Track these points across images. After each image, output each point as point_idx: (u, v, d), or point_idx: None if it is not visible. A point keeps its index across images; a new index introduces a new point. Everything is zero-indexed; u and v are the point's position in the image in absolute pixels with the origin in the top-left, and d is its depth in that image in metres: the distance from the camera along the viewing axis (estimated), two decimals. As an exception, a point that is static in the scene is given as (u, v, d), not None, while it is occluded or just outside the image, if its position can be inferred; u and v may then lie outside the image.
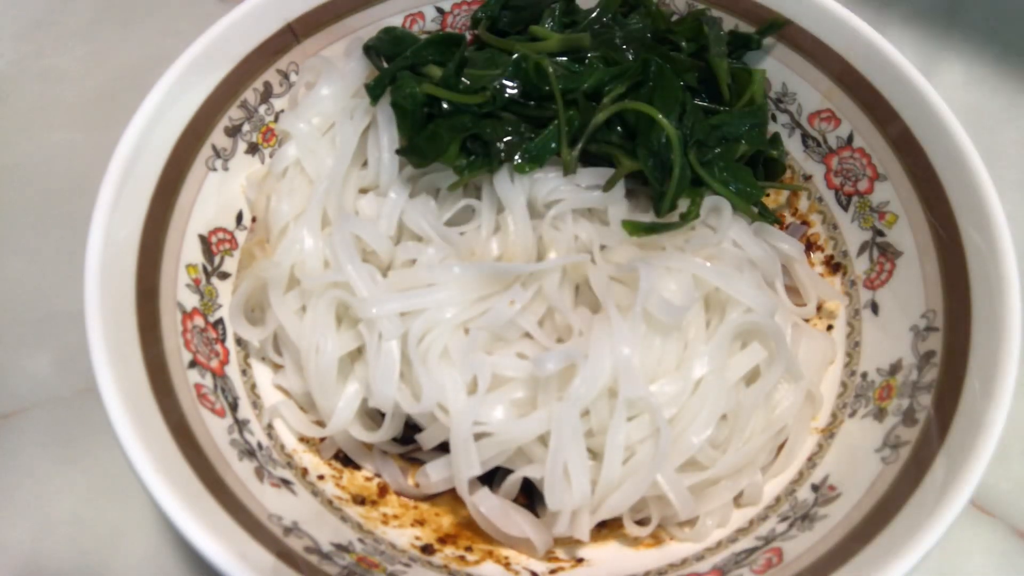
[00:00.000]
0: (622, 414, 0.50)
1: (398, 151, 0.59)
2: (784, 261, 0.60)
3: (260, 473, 0.51)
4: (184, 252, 0.55)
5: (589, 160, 0.58)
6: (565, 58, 0.60)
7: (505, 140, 0.56)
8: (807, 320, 0.61)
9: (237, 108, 0.60)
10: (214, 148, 0.59)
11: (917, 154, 0.55)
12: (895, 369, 0.54)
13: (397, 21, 0.66)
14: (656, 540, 0.54)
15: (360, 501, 0.55)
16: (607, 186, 0.57)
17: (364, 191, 0.61)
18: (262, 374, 0.59)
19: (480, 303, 0.55)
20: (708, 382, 0.52)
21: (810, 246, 0.64)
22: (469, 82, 0.58)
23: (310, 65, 0.63)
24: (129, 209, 0.51)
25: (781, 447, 0.56)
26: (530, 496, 0.56)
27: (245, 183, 0.62)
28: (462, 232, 0.58)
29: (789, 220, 0.66)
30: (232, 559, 0.41)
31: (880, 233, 0.59)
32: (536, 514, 0.54)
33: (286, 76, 0.63)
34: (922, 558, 0.41)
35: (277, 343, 0.58)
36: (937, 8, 0.87)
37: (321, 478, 0.55)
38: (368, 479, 0.57)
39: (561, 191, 0.57)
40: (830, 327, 0.61)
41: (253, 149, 0.62)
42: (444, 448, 0.52)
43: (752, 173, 0.60)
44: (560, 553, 0.54)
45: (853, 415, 0.55)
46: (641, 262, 0.53)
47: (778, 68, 0.63)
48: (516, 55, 0.58)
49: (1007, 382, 0.45)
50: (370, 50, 0.63)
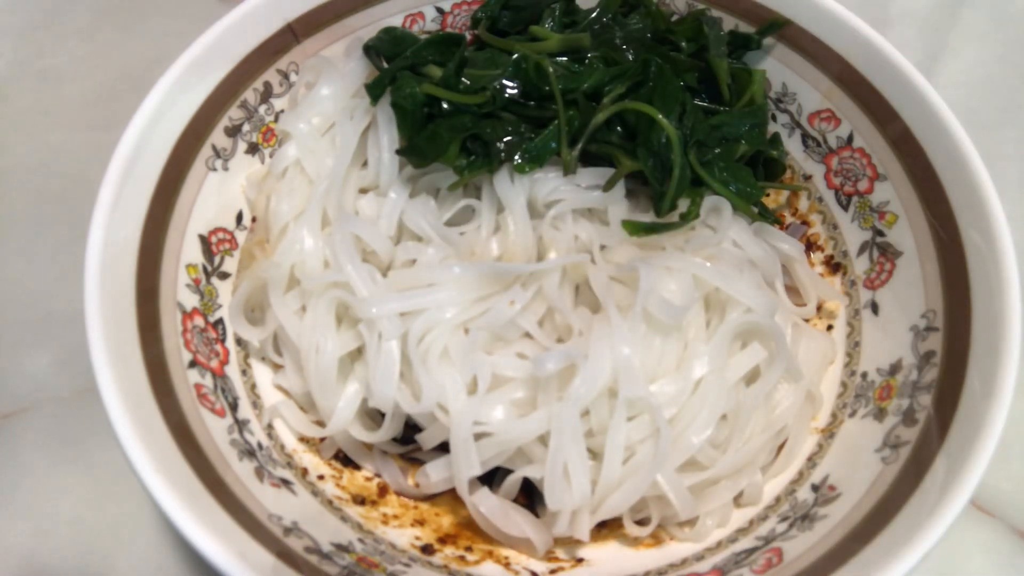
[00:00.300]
0: (622, 414, 0.50)
1: (398, 151, 0.59)
2: (784, 261, 0.60)
3: (260, 473, 0.51)
4: (184, 252, 0.55)
5: (589, 160, 0.58)
6: (565, 58, 0.60)
7: (505, 140, 0.56)
8: (807, 320, 0.61)
9: (237, 108, 0.60)
10: (214, 148, 0.59)
11: (917, 154, 0.55)
12: (895, 369, 0.54)
13: (397, 21, 0.66)
14: (656, 540, 0.54)
15: (360, 501, 0.55)
16: (607, 186, 0.57)
17: (364, 191, 0.61)
18: (262, 374, 0.59)
19: (480, 303, 0.55)
20: (708, 382, 0.52)
21: (810, 246, 0.64)
22: (469, 82, 0.58)
23: (310, 65, 0.63)
24: (129, 209, 0.51)
25: (781, 447, 0.56)
26: (530, 496, 0.56)
27: (245, 183, 0.62)
28: (462, 232, 0.58)
29: (789, 220, 0.66)
30: (232, 559, 0.41)
31: (880, 233, 0.59)
32: (536, 514, 0.54)
33: (286, 76, 0.63)
34: (922, 558, 0.41)
35: (277, 343, 0.58)
36: (937, 8, 0.87)
37: (321, 478, 0.55)
38: (368, 479, 0.57)
39: (561, 191, 0.57)
40: (830, 327, 0.61)
41: (253, 149, 0.62)
42: (444, 448, 0.52)
43: (752, 173, 0.60)
44: (560, 553, 0.54)
45: (853, 415, 0.55)
46: (641, 262, 0.53)
47: (778, 68, 0.63)
48: (516, 55, 0.58)
49: (1007, 382, 0.45)
50: (370, 50, 0.63)
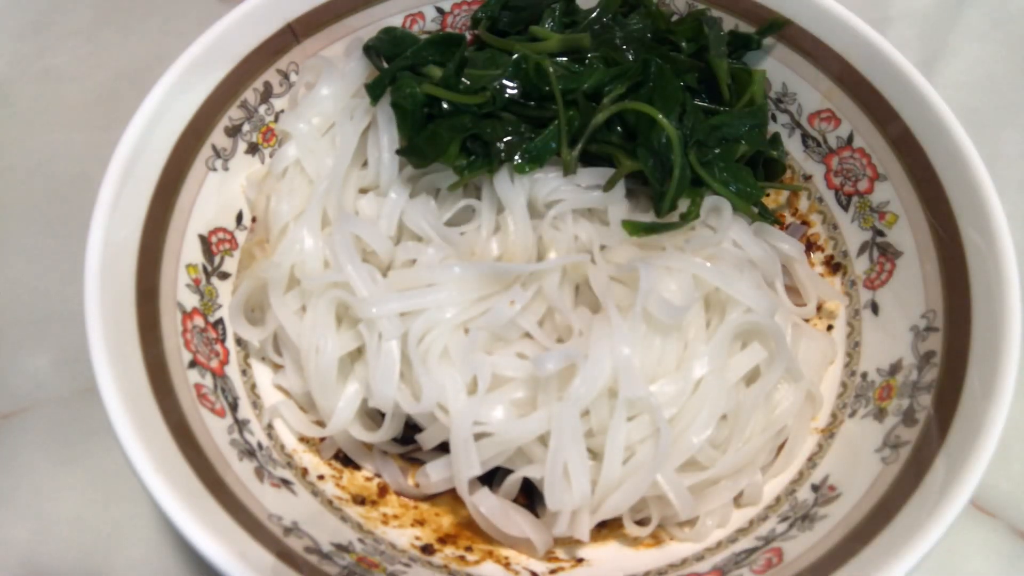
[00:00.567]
0: (622, 414, 0.50)
1: (398, 151, 0.59)
2: (784, 261, 0.60)
3: (260, 473, 0.51)
4: (184, 252, 0.55)
5: (589, 160, 0.58)
6: (565, 58, 0.60)
7: (505, 140, 0.56)
8: (807, 320, 0.61)
9: (237, 108, 0.60)
10: (214, 148, 0.59)
11: (917, 154, 0.55)
12: (895, 369, 0.54)
13: (397, 21, 0.66)
14: (656, 540, 0.54)
15: (360, 501, 0.55)
16: (607, 186, 0.57)
17: (364, 191, 0.61)
18: (262, 374, 0.59)
19: (480, 303, 0.55)
20: (708, 382, 0.52)
21: (810, 246, 0.64)
22: (469, 82, 0.58)
23: (310, 65, 0.63)
24: (129, 209, 0.51)
25: (781, 447, 0.56)
26: (530, 496, 0.56)
27: (245, 183, 0.62)
28: (462, 232, 0.58)
29: (789, 220, 0.66)
30: (232, 559, 0.41)
31: (880, 233, 0.59)
32: (536, 514, 0.54)
33: (286, 76, 0.63)
34: (922, 558, 0.41)
35: (277, 343, 0.58)
36: (937, 8, 0.87)
37: (321, 478, 0.55)
38: (368, 479, 0.57)
39: (561, 191, 0.57)
40: (830, 327, 0.61)
41: (253, 149, 0.62)
42: (444, 448, 0.52)
43: (752, 173, 0.60)
44: (560, 553, 0.54)
45: (853, 415, 0.55)
46: (641, 262, 0.53)
47: (778, 68, 0.63)
48: (516, 55, 0.58)
49: (1007, 382, 0.45)
50: (370, 50, 0.63)
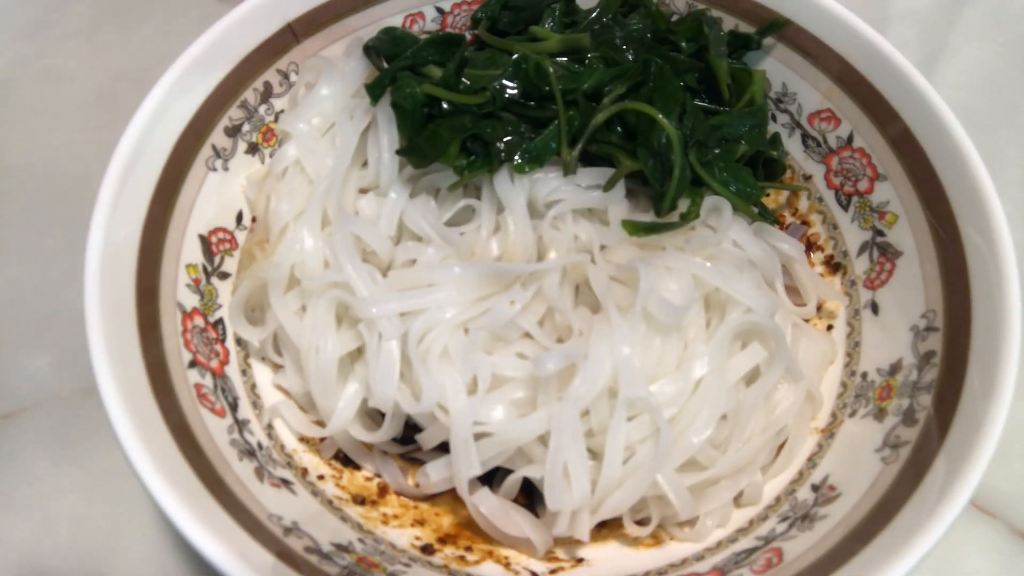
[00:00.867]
0: (622, 414, 0.50)
1: (398, 151, 0.59)
2: (784, 261, 0.60)
3: (260, 473, 0.51)
4: (184, 252, 0.55)
5: (589, 160, 0.58)
6: (565, 58, 0.60)
7: (505, 140, 0.56)
8: (807, 320, 0.61)
9: (237, 108, 0.60)
10: (214, 148, 0.59)
11: (917, 154, 0.55)
12: (895, 369, 0.54)
13: (397, 21, 0.66)
14: (656, 540, 0.54)
15: (360, 501, 0.55)
16: (607, 186, 0.57)
17: (364, 191, 0.61)
18: (262, 374, 0.59)
19: (480, 303, 0.55)
20: (708, 382, 0.52)
21: (810, 246, 0.64)
22: (469, 82, 0.58)
23: (310, 65, 0.63)
24: (129, 209, 0.51)
25: (781, 447, 0.56)
26: (530, 496, 0.56)
27: (245, 183, 0.62)
28: (462, 232, 0.58)
29: (789, 220, 0.66)
30: (232, 559, 0.41)
31: (880, 233, 0.59)
32: (536, 514, 0.54)
33: (286, 76, 0.63)
34: (922, 558, 0.41)
35: (277, 343, 0.58)
36: (937, 8, 0.87)
37: (321, 478, 0.55)
38: (368, 479, 0.57)
39: (561, 191, 0.57)
40: (830, 327, 0.61)
41: (253, 149, 0.62)
42: (444, 448, 0.52)
43: (752, 173, 0.60)
44: (560, 553, 0.54)
45: (853, 415, 0.55)
46: (641, 262, 0.53)
47: (778, 68, 0.63)
48: (516, 55, 0.58)
49: (1007, 382, 0.45)
50: (370, 50, 0.63)
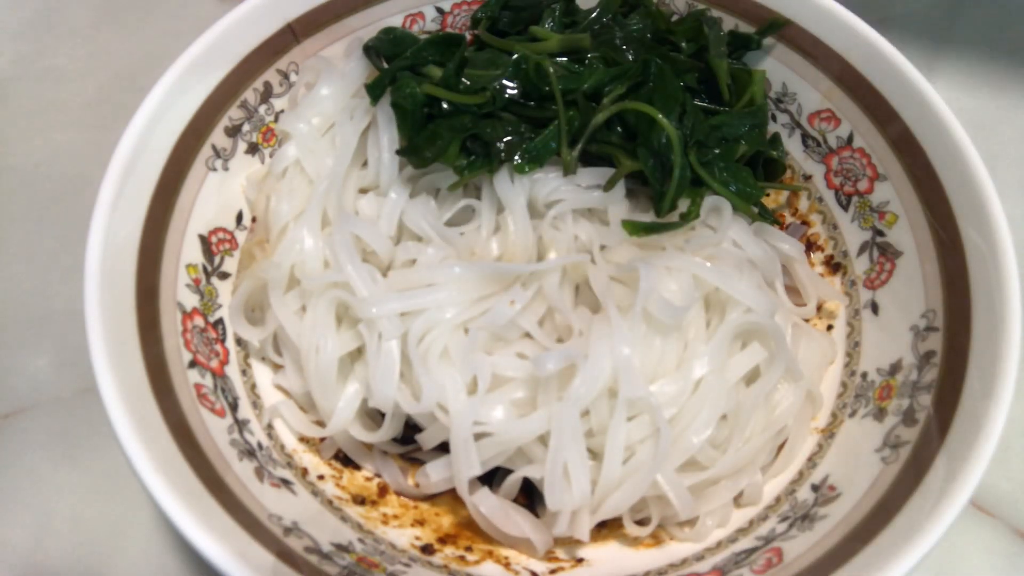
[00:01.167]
0: (622, 414, 0.50)
1: (398, 151, 0.59)
2: (784, 261, 0.60)
3: (260, 473, 0.51)
4: (184, 252, 0.55)
5: (589, 160, 0.58)
6: (565, 58, 0.60)
7: (505, 140, 0.56)
8: (807, 320, 0.61)
9: (237, 108, 0.60)
10: (214, 148, 0.59)
11: (917, 154, 0.55)
12: (895, 369, 0.54)
13: (397, 21, 0.66)
14: (656, 540, 0.54)
15: (360, 501, 0.55)
16: (607, 186, 0.57)
17: (364, 191, 0.61)
18: (262, 374, 0.58)
19: (480, 303, 0.55)
20: (708, 382, 0.52)
21: (810, 246, 0.64)
22: (469, 82, 0.58)
23: (310, 65, 0.63)
24: (129, 209, 0.51)
25: (781, 447, 0.56)
26: (530, 496, 0.56)
27: (245, 183, 0.62)
28: (462, 232, 0.58)
29: (789, 220, 0.66)
30: (232, 559, 0.41)
31: (880, 233, 0.59)
32: (536, 514, 0.54)
33: (286, 76, 0.63)
34: (922, 558, 0.41)
35: (277, 343, 0.58)
36: (937, 8, 0.87)
37: (321, 478, 0.55)
38: (368, 479, 0.57)
39: (561, 191, 0.57)
40: (830, 327, 0.61)
41: (253, 149, 0.62)
42: (444, 448, 0.52)
43: (752, 173, 0.60)
44: (560, 553, 0.54)
45: (853, 415, 0.55)
46: (641, 262, 0.53)
47: (778, 68, 0.63)
48: (516, 55, 0.58)
49: (1007, 382, 0.45)
50: (370, 50, 0.63)
